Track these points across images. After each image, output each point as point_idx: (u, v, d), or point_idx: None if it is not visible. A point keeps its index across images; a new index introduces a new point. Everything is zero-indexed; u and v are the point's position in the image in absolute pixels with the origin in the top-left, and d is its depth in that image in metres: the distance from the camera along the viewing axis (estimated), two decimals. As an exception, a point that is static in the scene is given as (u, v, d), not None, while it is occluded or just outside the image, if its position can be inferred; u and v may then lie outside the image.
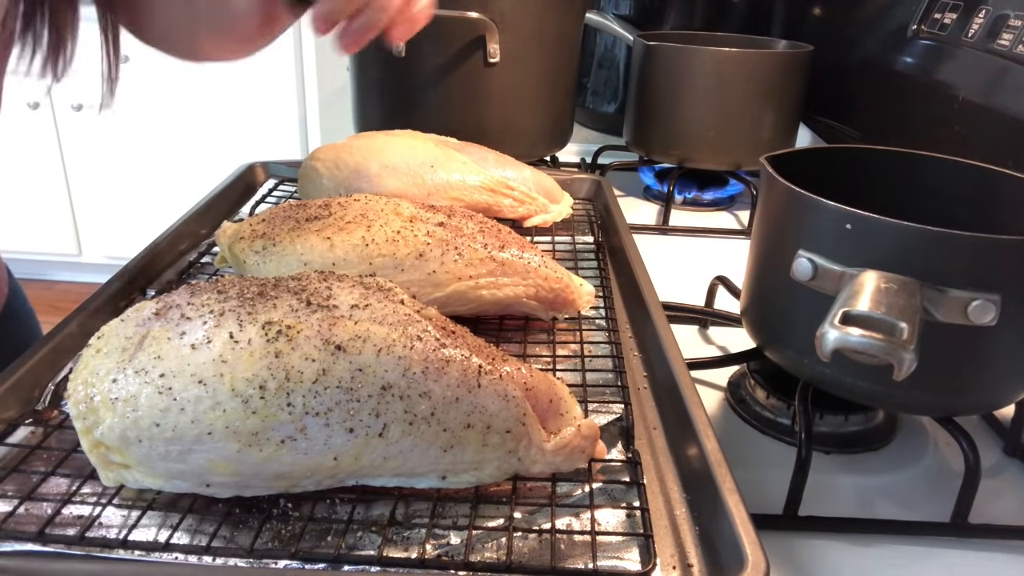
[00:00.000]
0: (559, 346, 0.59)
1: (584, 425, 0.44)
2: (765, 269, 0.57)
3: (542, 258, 0.62)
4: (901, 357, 0.40)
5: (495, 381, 0.43)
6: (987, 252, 0.45)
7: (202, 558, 0.38)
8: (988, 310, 0.45)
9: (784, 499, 0.50)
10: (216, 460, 0.39)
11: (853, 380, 0.51)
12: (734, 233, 0.99)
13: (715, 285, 0.75)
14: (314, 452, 0.40)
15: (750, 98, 0.99)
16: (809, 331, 0.44)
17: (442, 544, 0.40)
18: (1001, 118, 0.75)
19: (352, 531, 0.40)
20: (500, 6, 0.92)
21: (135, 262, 0.65)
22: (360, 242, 0.59)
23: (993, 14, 0.79)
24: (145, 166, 2.65)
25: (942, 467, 0.56)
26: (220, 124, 2.56)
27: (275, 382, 0.40)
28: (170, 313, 0.43)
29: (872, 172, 0.62)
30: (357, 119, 1.05)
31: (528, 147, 1.01)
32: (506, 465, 0.43)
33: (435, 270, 0.58)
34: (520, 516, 0.42)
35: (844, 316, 0.42)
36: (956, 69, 0.83)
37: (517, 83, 0.97)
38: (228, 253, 0.64)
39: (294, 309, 0.43)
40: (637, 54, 1.06)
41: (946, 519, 0.50)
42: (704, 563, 0.39)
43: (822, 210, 0.49)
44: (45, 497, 0.42)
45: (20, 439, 0.46)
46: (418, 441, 0.41)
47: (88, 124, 2.57)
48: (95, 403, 0.40)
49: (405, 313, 0.45)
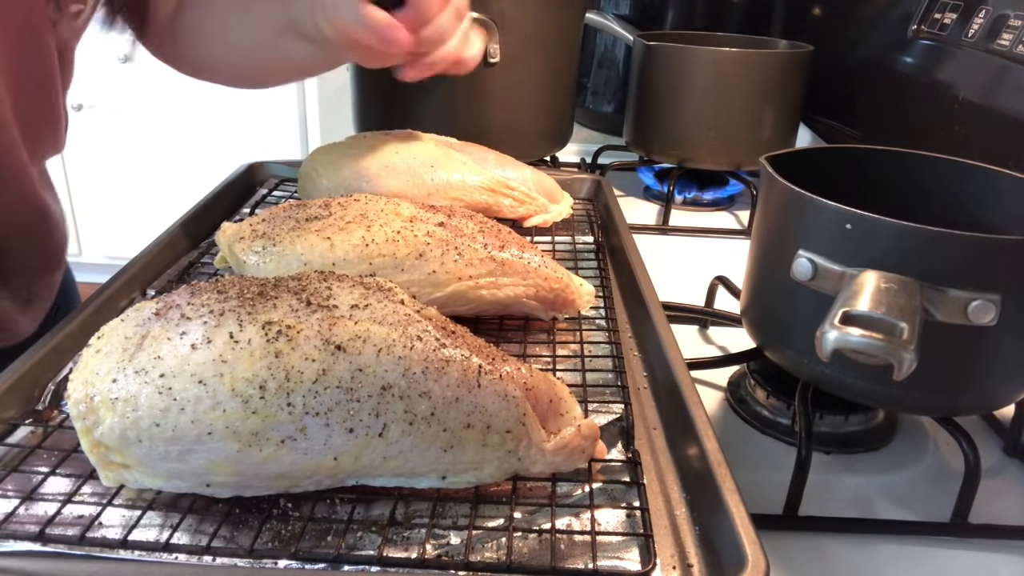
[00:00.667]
0: (559, 346, 0.59)
1: (584, 425, 0.44)
2: (765, 269, 0.57)
3: (542, 258, 0.62)
4: (901, 357, 0.40)
5: (495, 381, 0.43)
6: (987, 252, 0.45)
7: (202, 558, 0.38)
8: (988, 310, 0.45)
9: (784, 499, 0.50)
10: (216, 460, 0.39)
11: (853, 380, 0.51)
12: (734, 233, 0.99)
13: (715, 285, 0.75)
14: (314, 452, 0.40)
15: (750, 98, 0.99)
16: (809, 331, 0.44)
17: (442, 544, 0.40)
18: (1001, 118, 0.75)
19: (352, 531, 0.40)
20: (500, 6, 0.92)
21: (135, 262, 0.65)
22: (360, 242, 0.59)
23: (993, 14, 0.79)
24: (145, 166, 2.65)
25: (942, 467, 0.56)
26: (220, 124, 2.56)
27: (275, 382, 0.40)
28: (170, 313, 0.43)
29: (872, 172, 0.62)
30: (357, 119, 1.05)
31: (528, 147, 1.01)
32: (506, 465, 0.43)
33: (435, 270, 0.58)
34: (520, 516, 0.42)
35: (844, 316, 0.42)
36: (956, 69, 0.83)
37: (517, 83, 0.97)
38: (228, 253, 0.63)
39: (294, 309, 0.43)
40: (637, 54, 1.06)
41: (946, 519, 0.50)
42: (704, 563, 0.39)
43: (822, 210, 0.49)
44: (45, 497, 0.42)
45: (20, 439, 0.46)
46: (418, 441, 0.41)
47: (88, 124, 2.57)
48: (95, 403, 0.40)
49: (405, 313, 0.45)
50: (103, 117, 2.59)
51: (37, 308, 0.71)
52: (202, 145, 2.59)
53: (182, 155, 2.61)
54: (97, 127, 2.59)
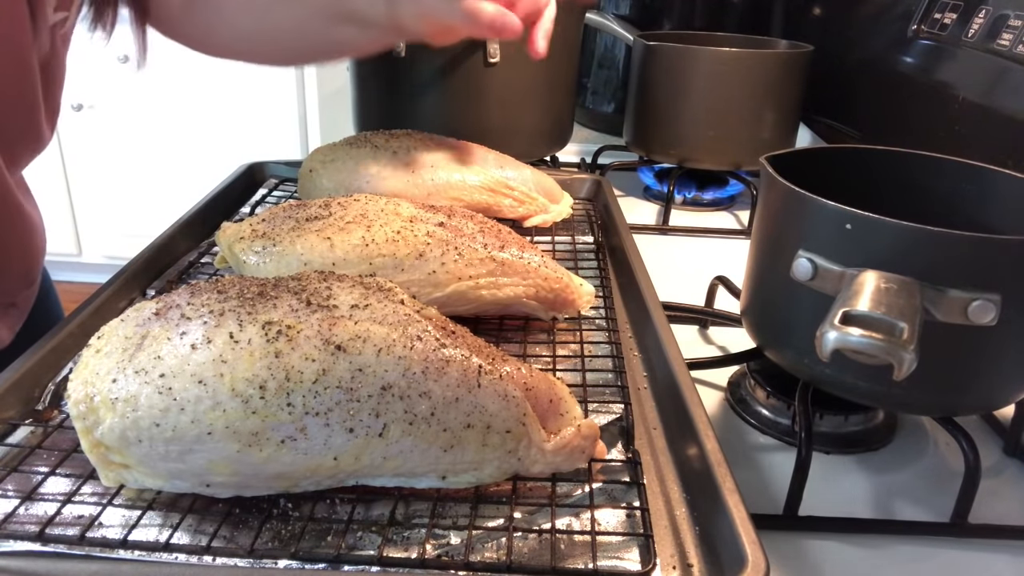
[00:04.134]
0: (559, 346, 0.59)
1: (584, 425, 0.44)
2: (765, 269, 0.57)
3: (542, 258, 0.62)
4: (901, 357, 0.40)
5: (495, 381, 0.43)
6: (987, 252, 0.45)
7: (202, 558, 0.38)
8: (988, 310, 0.45)
9: (784, 499, 0.50)
10: (216, 460, 0.39)
11: (853, 380, 0.51)
12: (734, 233, 0.99)
13: (715, 285, 0.75)
14: (314, 452, 0.40)
15: (750, 98, 0.99)
16: (809, 331, 0.44)
17: (442, 544, 0.40)
18: (1001, 118, 0.75)
19: (352, 531, 0.40)
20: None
21: (135, 262, 0.65)
22: (360, 242, 0.59)
23: (993, 14, 0.79)
24: (145, 166, 2.65)
25: (942, 467, 0.56)
26: (220, 124, 2.56)
27: (275, 382, 0.40)
28: (170, 313, 0.43)
29: (872, 172, 0.62)
30: (357, 119, 1.05)
31: (528, 147, 1.01)
32: (506, 465, 0.43)
33: (435, 270, 0.58)
34: (520, 516, 0.42)
35: (844, 316, 0.42)
36: (956, 69, 0.83)
37: (517, 83, 0.97)
38: (228, 253, 0.64)
39: (294, 309, 0.43)
40: (637, 54, 1.06)
41: (946, 519, 0.50)
42: (704, 563, 0.39)
43: (822, 210, 0.49)
44: (45, 497, 0.42)
45: (20, 439, 0.46)
46: (418, 441, 0.41)
47: (88, 124, 2.57)
48: (95, 403, 0.40)
49: (405, 313, 0.45)
50: (103, 117, 2.59)
51: (14, 317, 0.69)
52: (202, 145, 2.59)
53: (182, 155, 2.61)
54: (97, 127, 2.59)
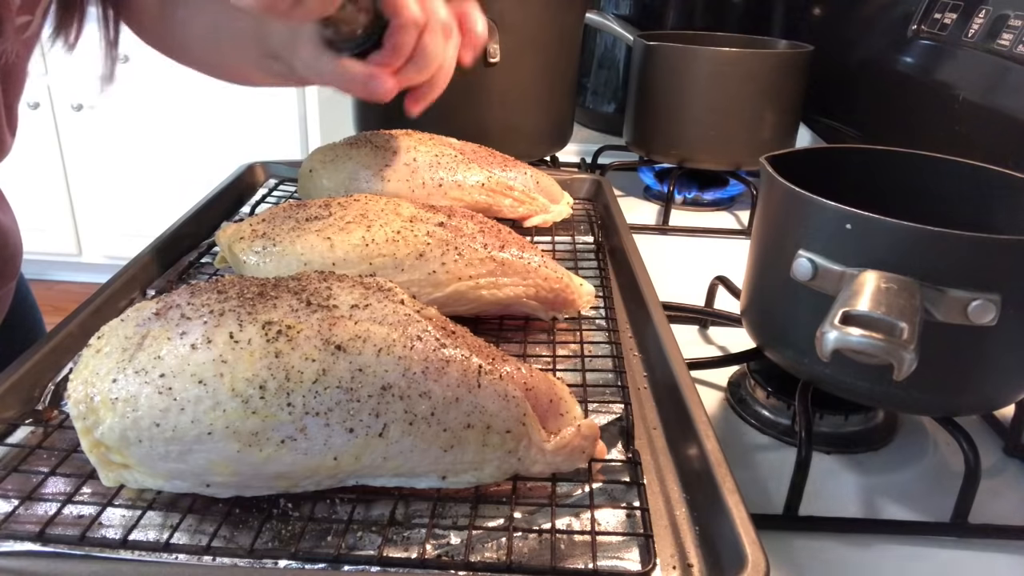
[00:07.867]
0: (559, 346, 0.59)
1: (584, 425, 0.44)
2: (765, 269, 0.57)
3: (542, 258, 0.62)
4: (901, 357, 0.40)
5: (495, 381, 0.43)
6: (987, 252, 0.45)
7: (202, 558, 0.38)
8: (988, 310, 0.45)
9: (784, 499, 0.50)
10: (216, 460, 0.39)
11: (853, 380, 0.51)
12: (734, 233, 0.99)
13: (715, 285, 0.75)
14: (314, 452, 0.40)
15: (750, 98, 0.99)
16: (809, 331, 0.44)
17: (442, 544, 0.40)
18: (1001, 118, 0.75)
19: (352, 531, 0.40)
20: (500, 6, 0.92)
21: (135, 262, 0.65)
22: (360, 242, 0.59)
23: (993, 14, 0.79)
24: (145, 166, 2.65)
25: (942, 467, 0.56)
26: (220, 124, 2.56)
27: (275, 382, 0.40)
28: (170, 313, 0.43)
29: (872, 172, 0.62)
30: (357, 119, 1.05)
31: (528, 147, 1.01)
32: (506, 465, 0.43)
33: (435, 270, 0.58)
34: (520, 516, 0.42)
35: (844, 316, 0.42)
36: (956, 69, 0.83)
37: (517, 83, 0.97)
38: (228, 253, 0.64)
39: (294, 309, 0.43)
40: (637, 54, 1.06)
41: (946, 519, 0.50)
42: (704, 563, 0.39)
43: (822, 210, 0.49)
44: (45, 497, 0.42)
45: (20, 439, 0.46)
46: (418, 441, 0.41)
47: (88, 124, 2.57)
48: (95, 403, 0.40)
49: (405, 313, 0.45)
50: (103, 117, 2.59)
51: None
52: (202, 145, 2.59)
53: (182, 155, 2.61)
54: (97, 127, 2.59)
